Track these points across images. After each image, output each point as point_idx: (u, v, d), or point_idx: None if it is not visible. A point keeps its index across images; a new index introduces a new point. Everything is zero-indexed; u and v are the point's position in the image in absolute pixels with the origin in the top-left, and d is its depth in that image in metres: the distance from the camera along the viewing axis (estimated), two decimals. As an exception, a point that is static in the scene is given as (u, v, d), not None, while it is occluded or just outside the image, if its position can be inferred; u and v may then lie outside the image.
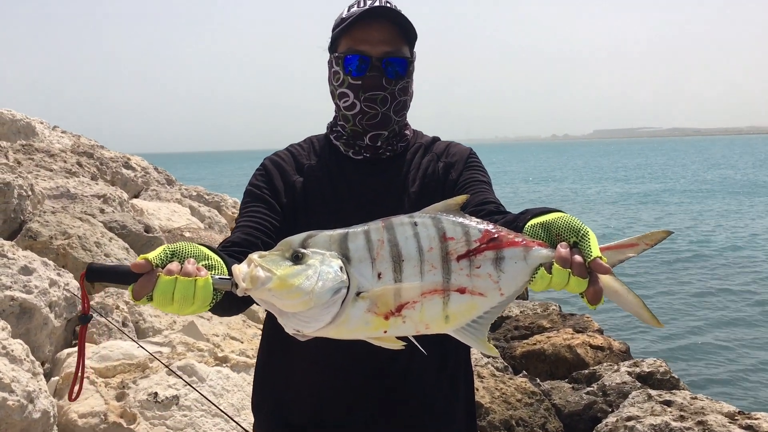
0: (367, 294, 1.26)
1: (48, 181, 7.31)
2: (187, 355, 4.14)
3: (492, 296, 1.28)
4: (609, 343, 7.91)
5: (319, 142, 1.91)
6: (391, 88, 1.76)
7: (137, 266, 1.25)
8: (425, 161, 1.86)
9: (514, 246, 1.28)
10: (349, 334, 1.29)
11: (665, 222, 24.01)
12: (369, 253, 1.27)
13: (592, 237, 1.25)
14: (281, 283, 1.22)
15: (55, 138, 10.62)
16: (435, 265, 1.26)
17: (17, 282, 4.09)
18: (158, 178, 11.40)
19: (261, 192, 1.79)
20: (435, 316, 1.27)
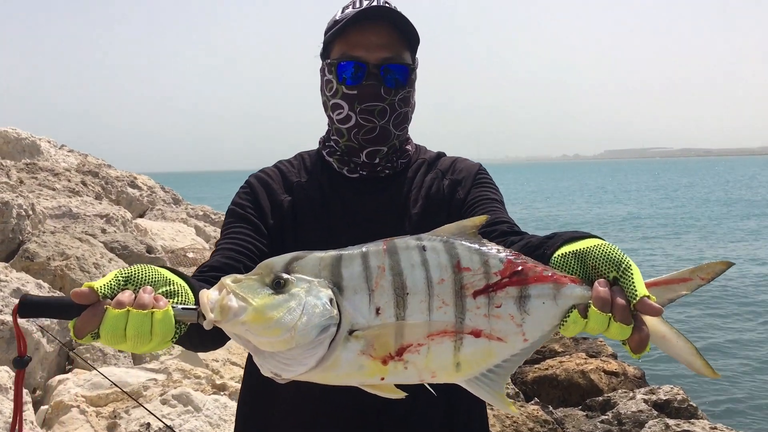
0: (362, 333, 1.06)
1: (50, 200, 7.20)
2: (184, 382, 3.97)
3: (513, 342, 1.09)
4: (624, 368, 7.68)
5: (310, 158, 1.72)
6: (390, 99, 1.57)
7: (79, 296, 1.04)
8: (429, 178, 1.66)
9: (542, 282, 1.08)
10: (337, 380, 1.08)
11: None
12: (366, 283, 1.07)
13: (635, 271, 1.06)
14: (257, 316, 1.02)
15: (61, 157, 10.55)
16: (446, 300, 1.07)
17: (8, 305, 3.94)
18: (164, 197, 11.30)
19: (245, 212, 1.59)
20: (444, 362, 1.07)
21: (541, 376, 7.68)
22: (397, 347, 1.05)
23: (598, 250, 1.09)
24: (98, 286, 1.06)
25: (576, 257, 1.11)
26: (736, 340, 11.20)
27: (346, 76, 1.56)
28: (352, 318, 1.05)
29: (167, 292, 1.11)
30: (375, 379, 1.08)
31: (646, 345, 1.05)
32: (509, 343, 1.09)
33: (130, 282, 1.09)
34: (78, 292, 1.05)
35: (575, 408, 6.87)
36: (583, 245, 1.11)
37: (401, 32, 1.56)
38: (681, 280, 1.15)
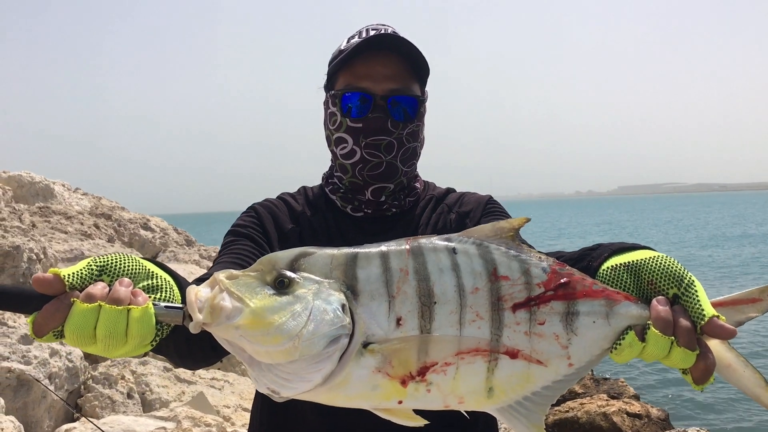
0: (379, 347, 0.89)
1: (62, 243, 7.17)
2: (194, 430, 3.85)
3: (556, 366, 0.93)
4: (647, 410, 7.45)
5: (313, 193, 1.60)
6: (397, 133, 1.45)
7: (41, 283, 0.88)
8: (435, 215, 1.55)
9: (592, 297, 0.93)
10: (347, 401, 0.91)
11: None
12: (386, 287, 0.91)
13: (699, 288, 0.93)
14: (255, 320, 0.86)
15: (75, 200, 10.58)
16: (481, 313, 0.90)
17: (16, 352, 3.86)
18: (177, 239, 11.26)
19: (248, 230, 1.46)
20: (474, 386, 0.91)
21: (561, 418, 7.46)
22: (420, 366, 0.89)
23: (654, 262, 0.95)
24: (65, 274, 0.90)
25: (628, 270, 0.97)
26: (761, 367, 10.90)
27: (352, 108, 1.44)
28: (367, 328, 0.90)
29: (148, 287, 0.96)
30: (391, 402, 0.91)
31: (711, 374, 0.92)
32: (551, 367, 0.93)
33: (105, 272, 0.94)
34: (40, 278, 0.88)
35: (598, 452, 6.66)
36: (635, 257, 0.97)
37: (410, 63, 1.46)
38: (750, 300, 1.00)
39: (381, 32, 1.46)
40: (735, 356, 0.99)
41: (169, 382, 4.74)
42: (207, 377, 5.00)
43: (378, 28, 1.48)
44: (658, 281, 0.94)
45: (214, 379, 4.97)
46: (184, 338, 0.98)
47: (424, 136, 1.55)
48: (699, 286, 0.93)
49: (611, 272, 0.97)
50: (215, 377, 5.02)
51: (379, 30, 1.47)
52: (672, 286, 0.93)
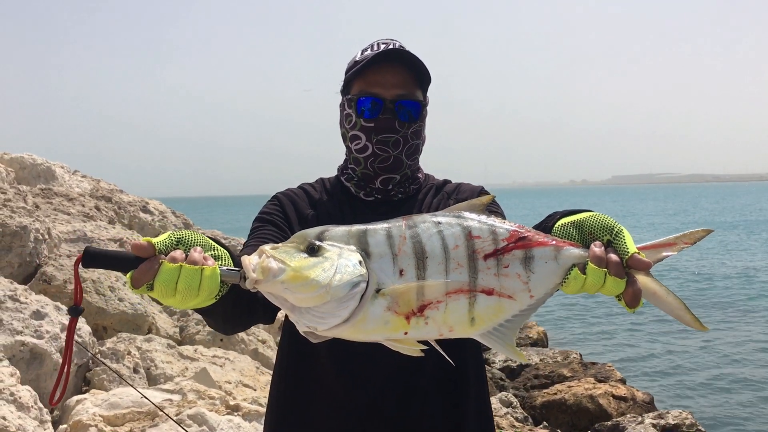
0: (388, 291, 1.17)
1: (65, 224, 7.32)
2: (198, 403, 4.04)
3: (521, 298, 1.20)
4: (632, 393, 7.69)
5: (330, 182, 1.88)
6: (403, 131, 1.72)
7: (138, 248, 1.15)
8: (436, 200, 1.82)
9: (544, 245, 1.21)
10: (366, 334, 1.18)
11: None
12: (390, 249, 1.19)
13: (626, 234, 1.20)
14: (295, 275, 1.12)
15: (75, 182, 10.71)
16: (461, 263, 1.18)
17: (29, 327, 4.04)
18: (176, 222, 11.41)
19: (272, 217, 1.73)
20: (460, 317, 1.18)
21: (549, 400, 7.70)
22: (419, 304, 1.17)
23: (593, 218, 1.23)
24: (155, 242, 1.17)
25: (574, 226, 1.24)
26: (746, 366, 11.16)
27: (365, 110, 1.71)
28: (378, 278, 1.17)
29: (213, 256, 1.22)
30: (399, 333, 1.18)
31: (639, 299, 1.17)
32: (517, 299, 1.20)
33: (181, 243, 1.21)
34: (137, 244, 1.15)
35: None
36: (579, 216, 1.25)
37: (415, 73, 1.72)
38: (667, 244, 1.27)
39: (390, 46, 1.72)
40: (660, 286, 1.25)
41: (173, 358, 4.93)
42: (209, 354, 5.19)
43: (387, 42, 1.75)
44: (596, 231, 1.21)
45: (215, 357, 5.16)
46: (231, 303, 1.26)
47: (425, 135, 1.81)
48: (626, 233, 1.19)
49: (561, 228, 1.25)
50: (216, 355, 5.22)
51: (388, 44, 1.73)
52: (605, 234, 1.21)
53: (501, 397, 7.30)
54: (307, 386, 1.69)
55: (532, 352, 9.93)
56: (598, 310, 16.39)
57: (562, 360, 9.40)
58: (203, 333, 5.82)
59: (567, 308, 16.66)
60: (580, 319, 15.39)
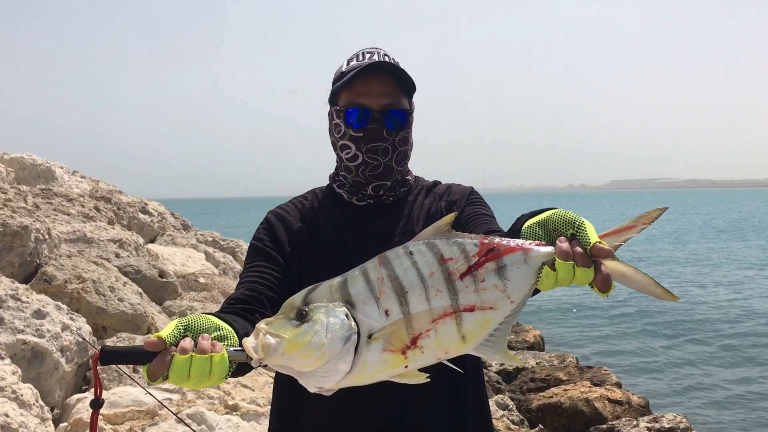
0: (379, 334, 1.23)
1: (65, 225, 7.36)
2: (197, 402, 4.08)
3: (502, 306, 1.25)
4: (628, 397, 7.73)
5: (322, 192, 1.92)
6: (392, 139, 1.77)
7: (151, 345, 1.24)
8: (428, 201, 1.87)
9: (512, 251, 1.25)
10: (370, 378, 1.25)
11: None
12: (372, 294, 1.24)
13: (588, 225, 1.25)
14: (292, 345, 1.21)
15: (75, 183, 10.75)
16: (440, 288, 1.24)
17: (30, 326, 4.08)
18: (174, 223, 11.46)
19: (263, 246, 1.78)
20: (451, 339, 1.24)
21: (545, 403, 7.74)
22: (411, 337, 1.23)
23: (556, 215, 1.28)
24: (165, 336, 1.25)
25: (539, 225, 1.29)
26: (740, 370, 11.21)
27: (353, 121, 1.76)
28: (367, 325, 1.24)
29: (218, 337, 1.31)
30: (400, 369, 1.24)
31: (609, 283, 1.21)
32: (499, 308, 1.25)
33: (189, 330, 1.29)
34: (150, 342, 1.24)
35: (579, 435, 6.93)
36: (543, 215, 1.31)
37: (400, 82, 1.77)
38: (627, 228, 1.30)
39: (375, 56, 1.77)
40: (627, 267, 1.28)
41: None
42: (207, 355, 5.23)
43: (372, 52, 1.80)
44: (560, 227, 1.26)
45: (214, 357, 5.20)
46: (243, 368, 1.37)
47: (412, 140, 1.86)
48: (588, 225, 1.24)
49: (528, 230, 1.30)
50: (215, 355, 5.26)
51: (373, 54, 1.79)
52: (569, 228, 1.25)
53: (497, 399, 7.33)
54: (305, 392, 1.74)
55: (529, 356, 9.97)
56: (594, 315, 16.44)
57: (558, 363, 9.44)
58: (202, 334, 5.86)
59: (564, 312, 16.71)
60: (576, 323, 15.43)
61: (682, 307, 17.12)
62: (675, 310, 16.74)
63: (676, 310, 16.72)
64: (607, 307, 17.28)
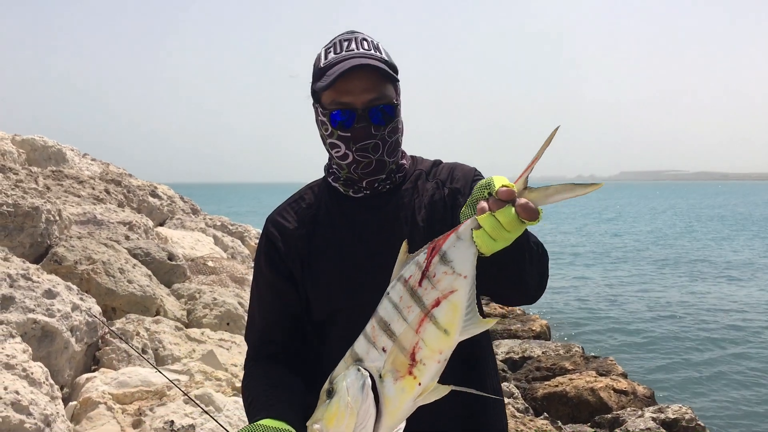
0: (384, 368, 1.34)
1: (76, 206, 7.40)
2: (205, 384, 4.12)
3: (459, 285, 1.33)
4: (633, 387, 7.75)
5: (318, 187, 1.88)
6: (380, 134, 1.72)
7: None
8: (429, 188, 1.82)
9: (446, 238, 1.36)
10: (400, 411, 1.35)
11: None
12: (370, 342, 1.38)
13: (495, 179, 1.32)
14: (329, 419, 1.35)
15: (85, 165, 10.79)
16: (409, 304, 1.34)
17: (40, 305, 4.11)
18: (183, 207, 11.50)
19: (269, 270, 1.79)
20: (437, 337, 1.32)
21: (551, 392, 7.77)
22: (408, 356, 1.33)
23: (474, 189, 1.38)
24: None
25: (468, 206, 1.39)
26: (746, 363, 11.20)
27: (339, 122, 1.70)
28: (375, 367, 1.36)
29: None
30: (417, 389, 1.33)
31: (531, 210, 1.27)
32: (458, 288, 1.33)
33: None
34: None
35: (584, 425, 6.96)
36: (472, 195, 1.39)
37: (382, 71, 1.69)
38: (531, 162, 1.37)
39: (352, 45, 1.71)
40: (544, 189, 1.34)
41: (181, 340, 5.00)
42: (215, 338, 5.26)
43: (349, 39, 1.73)
44: (477, 195, 1.35)
45: (222, 340, 5.23)
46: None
47: (402, 124, 1.80)
48: (496, 178, 1.32)
49: (462, 216, 1.39)
50: (223, 338, 5.29)
51: (351, 41, 1.72)
52: (484, 191, 1.34)
53: (503, 388, 7.37)
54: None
55: (535, 345, 9.99)
56: (601, 305, 16.44)
57: (564, 353, 9.46)
58: (210, 317, 5.90)
59: (570, 302, 16.71)
60: (583, 314, 15.43)
61: (689, 298, 17.09)
62: (683, 302, 16.72)
63: (685, 302, 16.71)
64: (613, 298, 17.29)
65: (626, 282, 20.67)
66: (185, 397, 3.76)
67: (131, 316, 5.06)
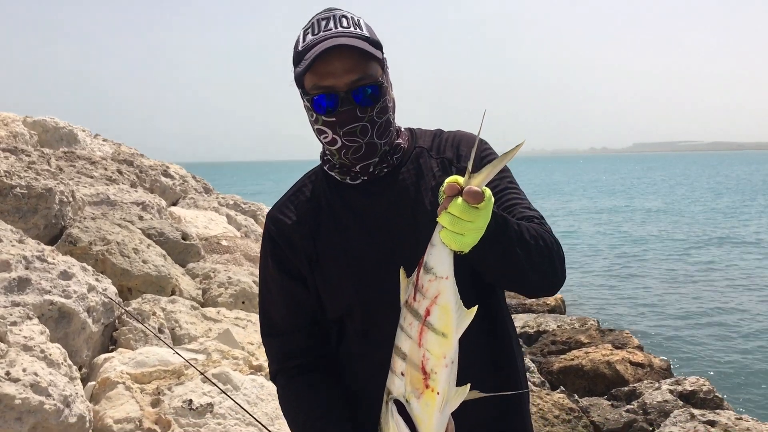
0: (405, 390, 1.41)
1: (88, 187, 7.41)
2: (222, 362, 4.13)
3: (443, 287, 1.39)
4: (649, 360, 7.72)
5: (316, 176, 1.79)
6: (368, 115, 1.61)
7: None
8: (435, 167, 1.73)
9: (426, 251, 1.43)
10: (434, 426, 1.39)
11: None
12: (393, 373, 1.45)
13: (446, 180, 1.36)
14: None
15: (97, 146, 10.81)
16: (410, 321, 1.41)
17: (56, 287, 4.12)
18: (196, 186, 11.51)
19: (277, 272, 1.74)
20: (437, 343, 1.37)
21: (567, 366, 7.76)
22: (420, 370, 1.38)
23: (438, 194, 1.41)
24: None
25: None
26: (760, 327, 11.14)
27: (322, 107, 1.60)
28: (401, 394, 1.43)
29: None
30: (439, 400, 1.38)
31: (476, 193, 1.32)
32: (443, 291, 1.39)
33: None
34: None
35: (600, 397, 6.95)
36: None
37: (362, 50, 1.58)
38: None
39: (330, 24, 1.61)
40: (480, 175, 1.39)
41: (197, 319, 5.02)
42: (231, 316, 5.27)
43: (327, 17, 1.63)
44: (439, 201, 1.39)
45: (238, 318, 5.24)
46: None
47: (393, 101, 1.70)
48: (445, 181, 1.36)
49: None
50: (239, 317, 5.30)
51: (329, 19, 1.61)
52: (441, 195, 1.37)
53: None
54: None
55: (550, 319, 9.98)
56: (615, 279, 16.39)
57: (579, 327, 9.44)
58: (225, 296, 5.91)
59: (585, 276, 16.66)
60: (598, 287, 15.40)
61: (704, 273, 16.99)
62: (699, 274, 16.64)
63: (701, 274, 16.62)
64: (628, 273, 17.22)
65: (640, 255, 20.58)
66: (202, 377, 3.77)
67: (147, 296, 5.07)
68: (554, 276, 1.60)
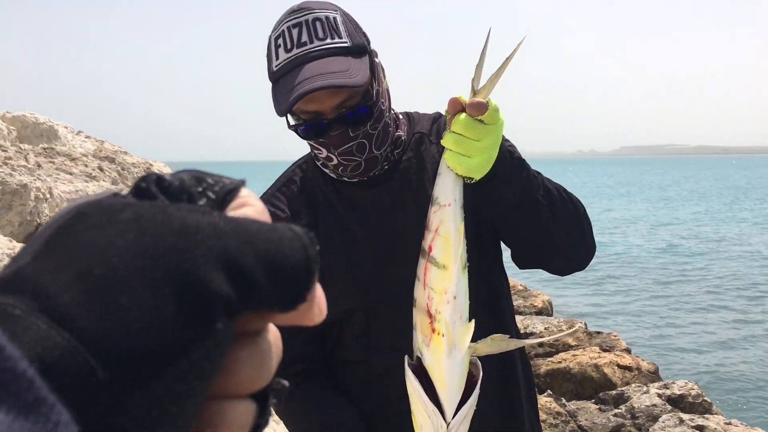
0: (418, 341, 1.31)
1: (67, 184, 7.24)
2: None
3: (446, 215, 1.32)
4: (637, 363, 7.66)
5: (307, 165, 1.63)
6: (363, 132, 1.45)
7: None
8: (435, 153, 1.55)
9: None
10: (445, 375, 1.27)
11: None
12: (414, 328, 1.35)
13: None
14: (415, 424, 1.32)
15: (78, 142, 10.61)
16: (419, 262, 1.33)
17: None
18: (180, 184, 11.37)
19: None
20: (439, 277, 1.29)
21: (554, 369, 7.67)
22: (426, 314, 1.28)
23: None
24: None
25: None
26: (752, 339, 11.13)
27: (311, 134, 1.46)
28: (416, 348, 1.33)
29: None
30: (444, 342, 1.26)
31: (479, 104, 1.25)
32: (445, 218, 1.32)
33: None
34: None
35: (588, 401, 6.87)
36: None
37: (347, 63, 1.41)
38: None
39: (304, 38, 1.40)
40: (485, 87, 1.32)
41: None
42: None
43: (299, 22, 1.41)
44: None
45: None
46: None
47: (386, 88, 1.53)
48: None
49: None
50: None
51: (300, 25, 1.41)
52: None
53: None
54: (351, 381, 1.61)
55: (537, 321, 9.89)
56: (604, 280, 16.37)
57: (567, 329, 9.37)
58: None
59: (572, 278, 16.63)
60: (585, 289, 15.36)
61: (692, 276, 17.01)
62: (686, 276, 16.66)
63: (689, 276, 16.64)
64: (618, 274, 17.22)
65: (628, 258, 20.60)
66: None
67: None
68: (584, 241, 1.52)
